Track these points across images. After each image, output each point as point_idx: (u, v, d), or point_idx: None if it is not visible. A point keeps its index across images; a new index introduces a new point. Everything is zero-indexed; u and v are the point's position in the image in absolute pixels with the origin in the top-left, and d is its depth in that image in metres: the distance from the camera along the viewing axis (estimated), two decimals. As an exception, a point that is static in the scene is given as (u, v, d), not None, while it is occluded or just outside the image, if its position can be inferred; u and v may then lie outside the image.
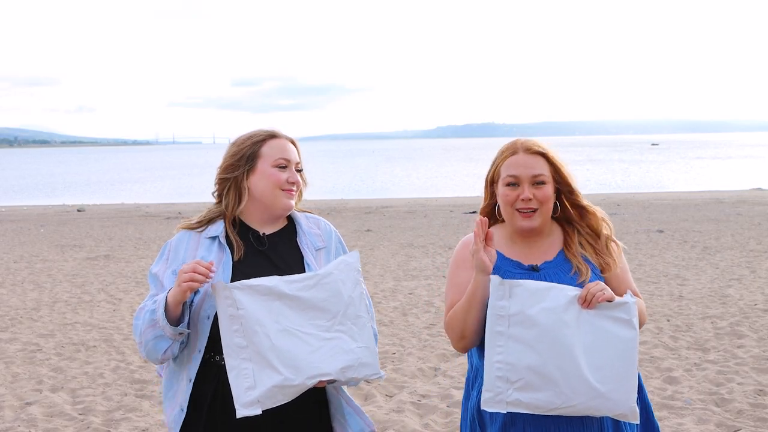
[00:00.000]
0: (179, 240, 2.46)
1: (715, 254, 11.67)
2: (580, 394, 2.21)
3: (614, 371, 2.23)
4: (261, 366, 2.23)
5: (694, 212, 18.79)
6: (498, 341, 2.27)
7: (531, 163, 2.40)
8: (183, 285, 2.20)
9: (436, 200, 26.09)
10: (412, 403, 5.26)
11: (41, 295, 9.49)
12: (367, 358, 2.32)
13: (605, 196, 25.36)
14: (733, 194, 25.50)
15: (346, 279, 2.35)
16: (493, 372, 2.26)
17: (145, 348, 2.33)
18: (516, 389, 2.24)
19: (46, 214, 22.87)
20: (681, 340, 6.71)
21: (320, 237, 2.55)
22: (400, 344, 6.80)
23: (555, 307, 2.24)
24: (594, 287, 2.25)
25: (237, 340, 2.23)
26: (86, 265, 12.00)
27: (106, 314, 8.32)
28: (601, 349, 2.24)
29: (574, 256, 2.44)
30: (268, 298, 2.26)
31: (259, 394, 2.22)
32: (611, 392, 2.23)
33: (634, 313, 2.27)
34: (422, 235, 15.11)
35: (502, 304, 2.27)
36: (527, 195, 2.38)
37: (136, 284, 10.16)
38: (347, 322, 2.32)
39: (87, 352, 6.78)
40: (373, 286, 9.44)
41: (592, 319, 2.25)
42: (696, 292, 8.75)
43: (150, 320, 2.28)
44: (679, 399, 5.21)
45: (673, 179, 40.36)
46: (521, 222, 2.41)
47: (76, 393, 5.67)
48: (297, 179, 2.48)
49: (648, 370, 5.85)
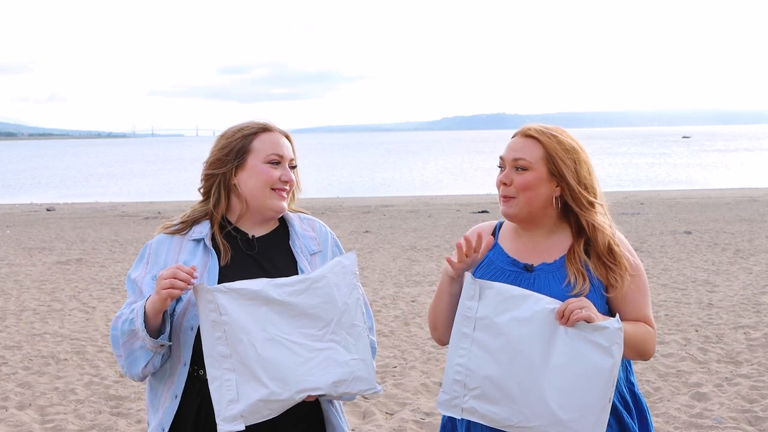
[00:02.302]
0: (160, 242, 2.46)
1: (749, 258, 11.67)
2: (538, 417, 2.20)
3: (581, 399, 2.19)
4: (245, 378, 2.22)
5: (725, 211, 18.80)
6: (462, 343, 2.29)
7: (518, 146, 2.38)
8: (162, 292, 2.20)
9: (441, 198, 26.13)
10: (414, 421, 5.27)
11: (7, 303, 9.50)
12: (362, 371, 2.31)
13: (627, 194, 25.39)
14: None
15: (341, 283, 2.34)
16: (452, 374, 2.29)
17: (126, 361, 2.34)
18: (473, 397, 2.26)
19: (12, 213, 22.88)
20: (711, 352, 6.72)
21: (315, 240, 2.54)
22: (401, 357, 6.81)
23: (527, 319, 2.23)
24: (574, 303, 2.22)
25: (220, 349, 2.23)
26: (56, 270, 12.00)
27: (79, 324, 8.32)
28: (570, 373, 2.20)
29: (574, 265, 2.36)
30: (254, 303, 2.25)
31: (243, 408, 2.21)
32: (573, 422, 2.20)
33: (615, 340, 2.20)
34: (426, 237, 15.12)
35: (471, 304, 2.29)
36: (502, 179, 2.38)
37: (111, 291, 10.17)
38: (341, 332, 2.31)
39: (57, 366, 6.79)
40: (372, 293, 9.45)
41: (568, 339, 2.21)
42: (727, 300, 8.76)
43: (128, 331, 2.28)
44: (709, 417, 5.21)
45: (702, 175, 40.37)
46: (502, 207, 2.41)
47: (46, 410, 5.67)
48: (290, 177, 2.47)
49: (675, 385, 5.86)
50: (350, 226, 17.52)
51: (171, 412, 2.36)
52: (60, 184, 44.28)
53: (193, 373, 2.36)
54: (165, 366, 2.38)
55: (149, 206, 24.78)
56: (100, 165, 71.70)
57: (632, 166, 49.70)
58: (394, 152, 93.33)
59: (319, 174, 45.42)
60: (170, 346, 2.35)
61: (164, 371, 2.39)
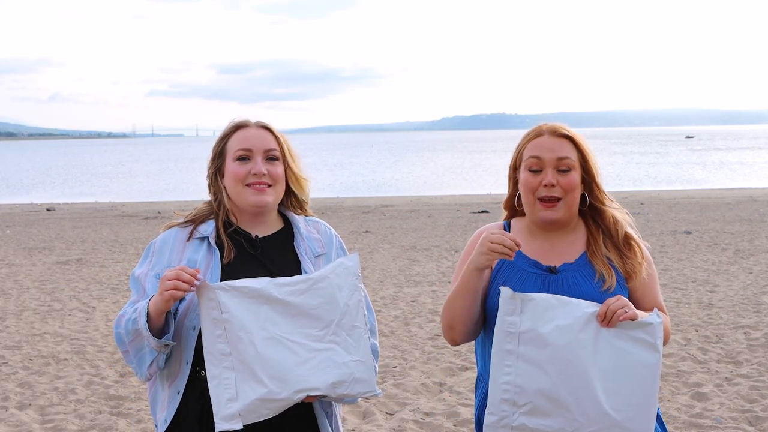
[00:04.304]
0: (164, 240, 2.46)
1: (749, 258, 11.68)
2: (593, 422, 2.20)
3: (633, 398, 2.21)
4: (244, 376, 2.22)
5: (725, 212, 18.80)
6: (506, 360, 2.23)
7: (556, 146, 2.35)
8: (165, 293, 2.20)
9: (442, 198, 26.12)
10: (414, 421, 5.27)
11: (7, 303, 9.50)
12: (362, 373, 2.30)
13: (627, 194, 25.38)
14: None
15: (343, 284, 2.33)
16: (499, 394, 2.24)
17: (134, 359, 2.35)
18: (523, 413, 2.22)
19: (12, 213, 22.88)
20: (711, 352, 6.72)
21: (320, 242, 2.54)
22: (401, 357, 6.81)
23: (570, 325, 2.21)
24: (615, 303, 2.21)
25: (220, 347, 2.23)
26: (56, 270, 12.01)
27: (79, 324, 8.32)
28: (619, 374, 2.21)
29: (599, 259, 2.38)
30: (255, 301, 2.25)
31: (241, 407, 2.21)
32: (628, 421, 2.21)
33: (659, 335, 2.24)
34: (426, 237, 15.12)
35: (512, 320, 2.24)
36: (550, 180, 2.32)
37: (111, 291, 10.18)
38: (341, 333, 2.30)
39: (57, 366, 6.79)
40: (372, 293, 9.44)
41: (611, 340, 2.22)
42: (727, 300, 8.76)
43: (133, 330, 2.29)
44: (708, 417, 5.21)
45: (702, 175, 40.37)
46: (542, 212, 2.36)
47: (46, 410, 5.67)
48: (260, 170, 2.41)
49: (675, 385, 5.86)
50: (350, 226, 17.51)
51: (173, 406, 2.37)
52: (60, 184, 44.28)
53: (195, 374, 2.36)
54: (167, 364, 2.39)
55: (149, 206, 24.78)
56: (100, 165, 71.69)
57: (633, 166, 49.67)
58: (395, 152, 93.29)
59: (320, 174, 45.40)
60: (172, 347, 2.35)
61: (167, 370, 2.40)
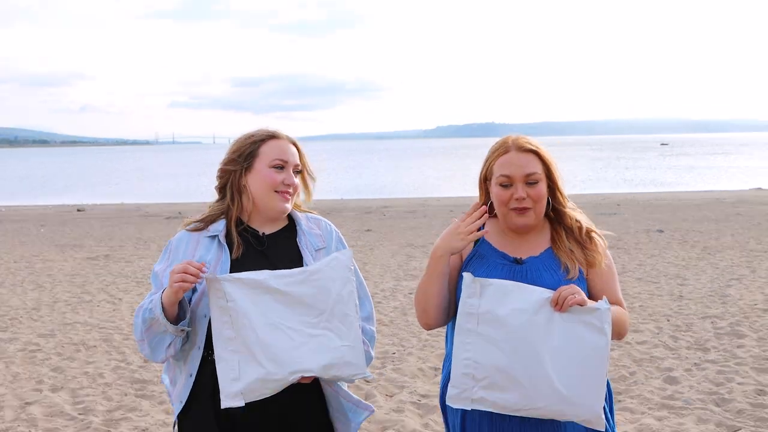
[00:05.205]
0: (180, 239, 2.49)
1: (715, 254, 11.67)
2: (545, 397, 2.22)
3: (581, 376, 2.23)
4: (246, 359, 2.26)
5: (694, 212, 18.80)
6: (467, 338, 2.28)
7: (523, 161, 2.38)
8: (174, 285, 2.24)
9: (437, 200, 26.10)
10: (412, 403, 5.27)
11: (41, 295, 9.51)
12: (352, 357, 2.33)
13: (605, 196, 25.38)
14: (733, 194, 25.50)
15: (336, 277, 2.36)
16: (461, 369, 2.28)
17: (149, 346, 2.36)
18: (482, 387, 2.26)
19: (46, 214, 22.88)
20: (681, 339, 6.72)
21: (320, 237, 2.56)
22: (400, 344, 6.81)
23: (526, 309, 2.24)
24: (566, 290, 2.25)
25: (226, 332, 2.27)
26: (86, 265, 12.01)
27: (106, 314, 8.33)
28: (569, 354, 2.23)
29: (563, 252, 2.42)
30: (257, 291, 2.29)
31: (243, 386, 2.26)
32: (576, 397, 2.22)
33: (606, 320, 2.25)
34: (422, 235, 15.12)
35: (473, 302, 2.28)
36: (521, 194, 2.37)
37: (136, 284, 10.18)
38: (334, 320, 2.33)
39: (87, 352, 6.80)
40: (373, 286, 9.45)
41: (563, 323, 2.24)
42: (696, 292, 8.76)
43: (149, 319, 2.31)
44: (679, 399, 5.21)
45: (674, 179, 40.34)
46: (515, 219, 2.40)
47: (76, 393, 5.68)
48: (293, 182, 2.48)
49: (648, 369, 5.87)
50: (353, 225, 17.51)
51: (187, 388, 2.40)
52: (89, 186, 44.25)
53: (207, 357, 2.38)
54: (182, 349, 2.41)
55: (170, 207, 24.76)
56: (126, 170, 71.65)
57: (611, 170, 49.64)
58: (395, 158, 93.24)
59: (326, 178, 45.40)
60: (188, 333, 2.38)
61: (181, 354, 2.42)
